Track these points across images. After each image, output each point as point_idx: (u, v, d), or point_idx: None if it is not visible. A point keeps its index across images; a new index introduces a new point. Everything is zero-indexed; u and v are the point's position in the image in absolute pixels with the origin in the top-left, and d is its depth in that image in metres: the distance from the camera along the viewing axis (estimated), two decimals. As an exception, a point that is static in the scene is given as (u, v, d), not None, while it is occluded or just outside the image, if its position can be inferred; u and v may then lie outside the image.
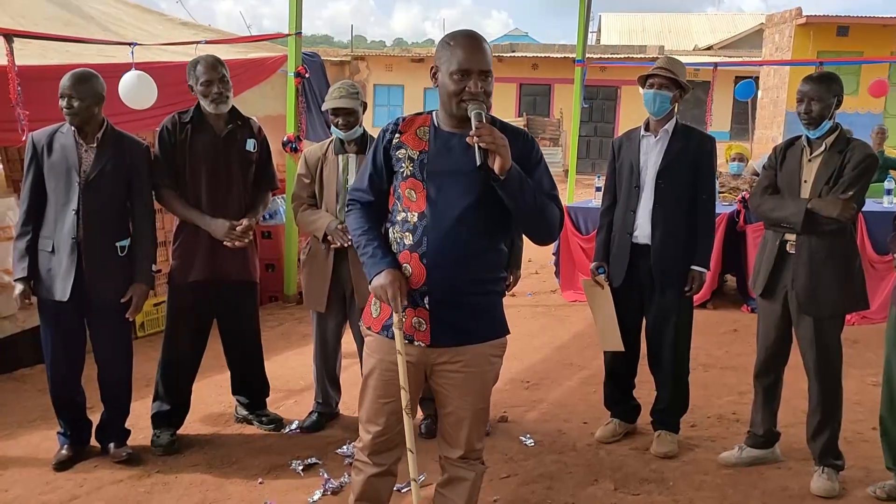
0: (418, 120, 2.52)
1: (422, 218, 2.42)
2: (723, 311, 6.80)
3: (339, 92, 3.84)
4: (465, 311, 2.46)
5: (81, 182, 3.49)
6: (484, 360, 2.51)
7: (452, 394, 2.51)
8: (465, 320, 2.46)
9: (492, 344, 2.52)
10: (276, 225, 6.99)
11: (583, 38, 8.16)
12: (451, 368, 2.48)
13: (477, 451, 2.61)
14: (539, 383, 5.00)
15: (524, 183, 2.36)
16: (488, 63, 2.40)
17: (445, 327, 2.44)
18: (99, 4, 6.98)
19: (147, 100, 5.13)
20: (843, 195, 3.29)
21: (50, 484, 3.53)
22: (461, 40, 2.38)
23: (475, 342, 2.48)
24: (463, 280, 2.42)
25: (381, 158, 2.52)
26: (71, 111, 3.46)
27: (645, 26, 33.98)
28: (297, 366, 5.19)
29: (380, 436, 2.58)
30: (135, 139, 3.71)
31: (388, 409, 2.54)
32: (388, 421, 2.55)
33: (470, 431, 2.55)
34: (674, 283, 3.75)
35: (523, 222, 2.46)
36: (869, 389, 4.66)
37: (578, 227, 7.30)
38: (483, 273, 2.46)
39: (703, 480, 3.60)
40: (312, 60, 7.41)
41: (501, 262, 2.56)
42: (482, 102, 2.36)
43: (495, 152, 2.26)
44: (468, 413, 2.52)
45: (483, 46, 2.40)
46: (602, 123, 22.44)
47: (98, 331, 3.69)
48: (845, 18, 17.90)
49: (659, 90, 3.74)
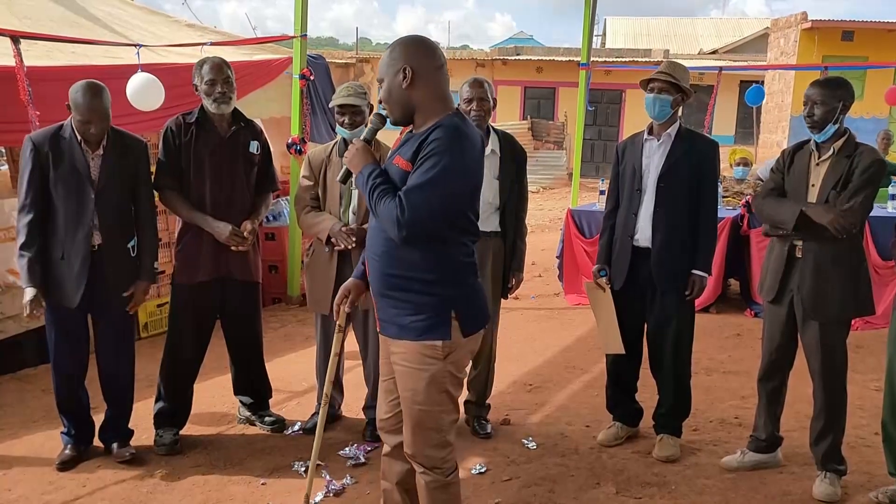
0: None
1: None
2: (726, 316, 6.79)
3: (347, 90, 3.87)
4: (392, 306, 2.53)
5: (94, 192, 3.50)
6: (417, 358, 2.49)
7: (398, 384, 2.60)
8: (393, 314, 2.53)
9: (424, 344, 2.48)
10: (279, 227, 7.01)
11: (588, 41, 8.15)
12: (394, 359, 2.58)
13: (426, 458, 2.57)
14: (542, 386, 5.00)
15: (364, 185, 2.51)
16: (379, 72, 2.56)
17: (381, 317, 2.60)
18: (104, 6, 7.00)
19: (155, 102, 5.16)
20: (846, 206, 3.28)
21: (53, 484, 3.54)
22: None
23: (406, 338, 2.52)
24: (381, 276, 2.54)
25: None
26: (94, 134, 3.48)
27: (650, 30, 33.98)
28: (299, 367, 5.20)
29: (384, 413, 2.74)
30: (134, 137, 3.73)
31: (385, 386, 2.72)
32: (386, 399, 2.72)
33: (411, 432, 2.56)
34: (674, 287, 3.75)
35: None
36: (872, 394, 4.66)
37: (582, 230, 7.29)
38: (401, 271, 2.49)
39: (705, 484, 3.60)
40: (317, 63, 7.42)
41: (427, 262, 2.47)
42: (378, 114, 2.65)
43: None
44: (407, 409, 2.56)
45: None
46: (606, 127, 22.44)
47: (104, 331, 3.71)
48: (851, 23, 17.88)
49: (659, 94, 3.74)
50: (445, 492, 2.60)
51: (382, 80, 2.53)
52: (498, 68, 22.19)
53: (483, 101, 3.86)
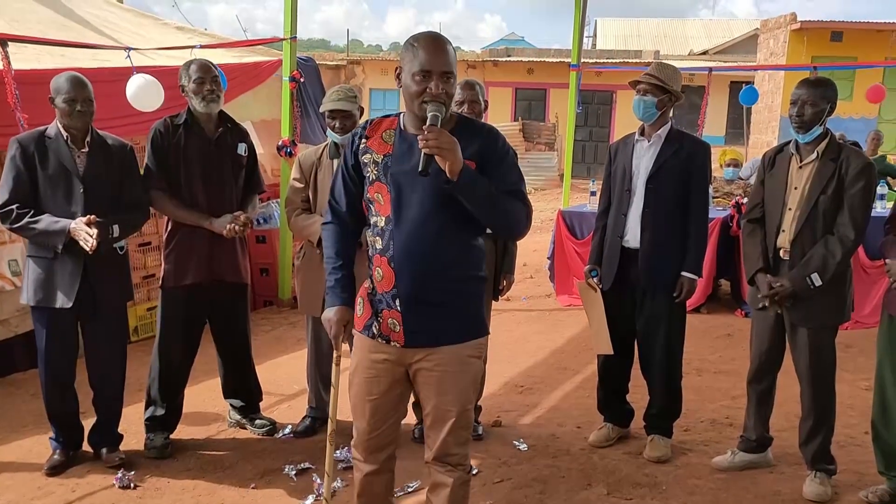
0: (385, 123, 2.54)
1: (388, 222, 2.45)
2: (716, 316, 6.81)
3: (337, 94, 3.87)
4: (436, 312, 2.46)
5: (83, 188, 3.50)
6: (460, 360, 2.49)
7: (429, 393, 2.52)
8: (436, 320, 2.46)
9: (468, 345, 2.51)
10: (270, 229, 6.98)
11: (578, 42, 8.17)
12: (426, 367, 2.49)
13: (455, 456, 2.56)
14: (533, 388, 5.00)
15: (478, 182, 2.34)
16: (451, 64, 2.39)
17: (417, 328, 2.46)
18: (94, 9, 6.97)
19: (155, 102, 5.18)
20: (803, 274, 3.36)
21: (42, 489, 3.53)
22: (424, 42, 2.38)
23: (449, 342, 2.48)
24: (429, 281, 2.43)
25: (351, 163, 2.55)
26: (81, 114, 3.48)
27: (640, 31, 34.05)
28: (290, 370, 5.18)
29: (367, 433, 2.62)
30: (117, 139, 3.74)
31: (372, 405, 2.59)
32: (373, 418, 2.60)
33: (447, 434, 2.52)
34: (663, 288, 3.76)
35: (484, 220, 2.46)
36: (861, 394, 4.68)
37: (573, 231, 7.30)
38: (451, 272, 2.45)
39: (696, 485, 3.61)
40: (308, 65, 7.42)
41: (474, 259, 2.52)
42: (442, 104, 2.35)
43: (441, 157, 2.26)
44: (445, 414, 2.51)
45: (446, 48, 2.39)
46: (597, 128, 22.46)
47: (95, 332, 3.69)
48: (839, 24, 17.94)
49: (644, 96, 3.75)
50: (467, 487, 2.63)
51: (451, 73, 2.39)
52: (489, 70, 22.17)
53: (474, 104, 3.87)
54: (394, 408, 2.63)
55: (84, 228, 3.37)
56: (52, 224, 3.43)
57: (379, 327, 2.52)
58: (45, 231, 3.43)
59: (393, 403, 2.61)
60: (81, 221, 3.39)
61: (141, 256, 5.92)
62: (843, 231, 3.32)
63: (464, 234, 2.48)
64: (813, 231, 3.38)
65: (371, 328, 2.54)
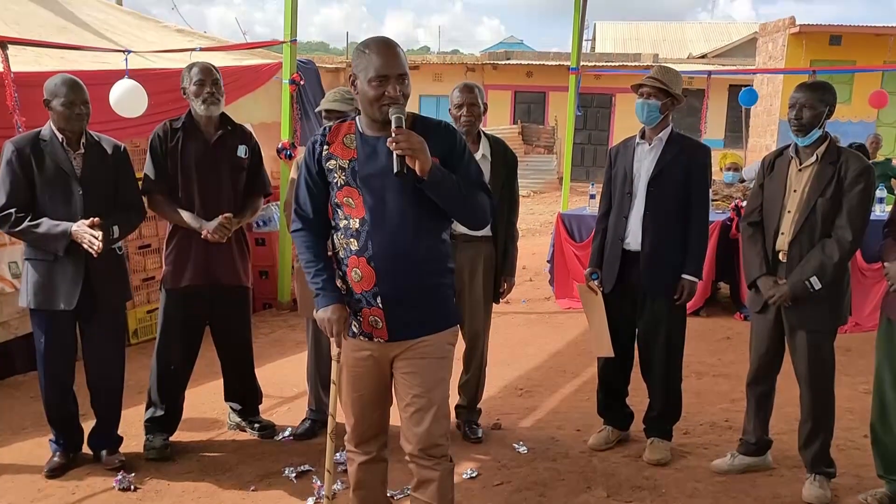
0: (343, 128, 2.63)
1: (363, 223, 2.53)
2: (716, 319, 6.82)
3: (333, 96, 3.91)
4: (418, 306, 2.57)
5: (81, 189, 3.50)
6: (440, 348, 2.62)
7: (413, 382, 2.59)
8: (418, 314, 2.58)
9: (446, 332, 2.65)
10: (269, 232, 6.99)
11: (577, 46, 8.17)
12: (411, 356, 2.59)
13: (440, 447, 2.62)
14: (532, 391, 5.00)
15: (446, 179, 2.46)
16: (404, 66, 2.48)
17: (400, 323, 2.57)
18: (93, 11, 6.97)
19: (139, 108, 5.13)
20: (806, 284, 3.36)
21: (42, 491, 3.53)
22: (376, 47, 2.48)
23: (430, 332, 2.59)
24: (411, 276, 2.54)
25: (315, 170, 2.62)
26: (80, 116, 3.50)
27: (639, 35, 34.06)
28: (290, 373, 5.19)
29: (358, 425, 2.76)
30: (111, 140, 3.74)
31: (360, 401, 2.72)
32: (362, 412, 2.73)
33: (431, 423, 2.58)
34: (664, 291, 3.76)
35: (453, 213, 2.58)
36: (861, 397, 4.68)
37: (573, 234, 7.31)
38: (429, 266, 2.58)
39: (696, 488, 3.61)
40: (307, 67, 7.42)
41: (445, 252, 2.65)
42: (402, 105, 2.46)
43: (412, 157, 2.37)
44: (429, 402, 2.58)
45: (397, 51, 2.49)
46: (596, 131, 22.48)
47: (94, 334, 3.69)
48: (838, 27, 17.96)
49: (647, 99, 3.76)
50: (452, 476, 2.69)
51: (405, 74, 2.49)
52: (488, 73, 22.18)
53: (473, 107, 3.87)
54: (381, 399, 2.74)
55: (88, 231, 3.38)
56: (53, 227, 3.43)
57: (360, 326, 2.62)
58: (45, 234, 3.43)
59: (380, 395, 2.73)
60: (84, 224, 3.40)
61: (141, 259, 5.92)
62: (841, 234, 3.33)
63: (436, 229, 2.60)
64: (811, 234, 3.39)
65: (351, 327, 2.64)
